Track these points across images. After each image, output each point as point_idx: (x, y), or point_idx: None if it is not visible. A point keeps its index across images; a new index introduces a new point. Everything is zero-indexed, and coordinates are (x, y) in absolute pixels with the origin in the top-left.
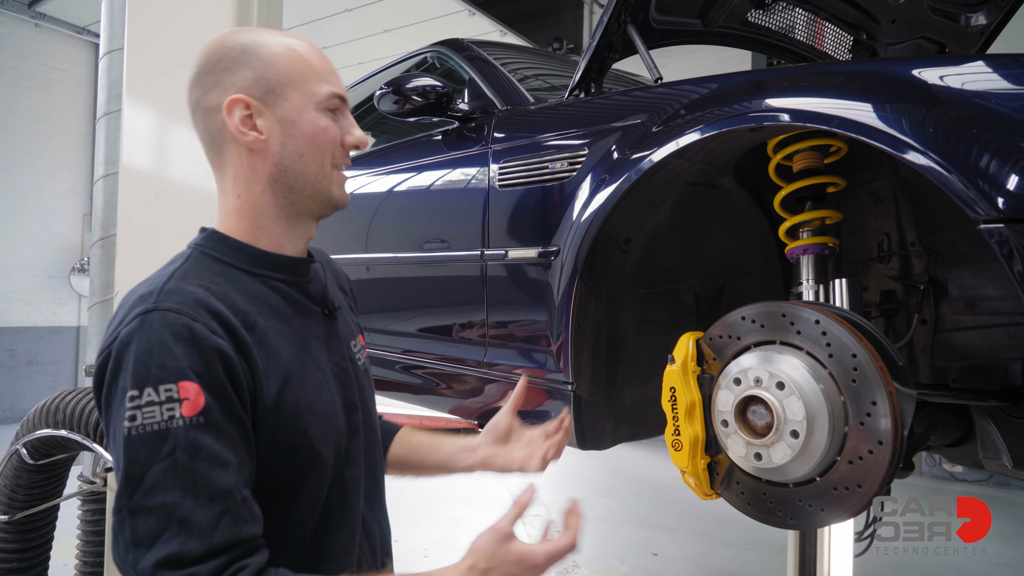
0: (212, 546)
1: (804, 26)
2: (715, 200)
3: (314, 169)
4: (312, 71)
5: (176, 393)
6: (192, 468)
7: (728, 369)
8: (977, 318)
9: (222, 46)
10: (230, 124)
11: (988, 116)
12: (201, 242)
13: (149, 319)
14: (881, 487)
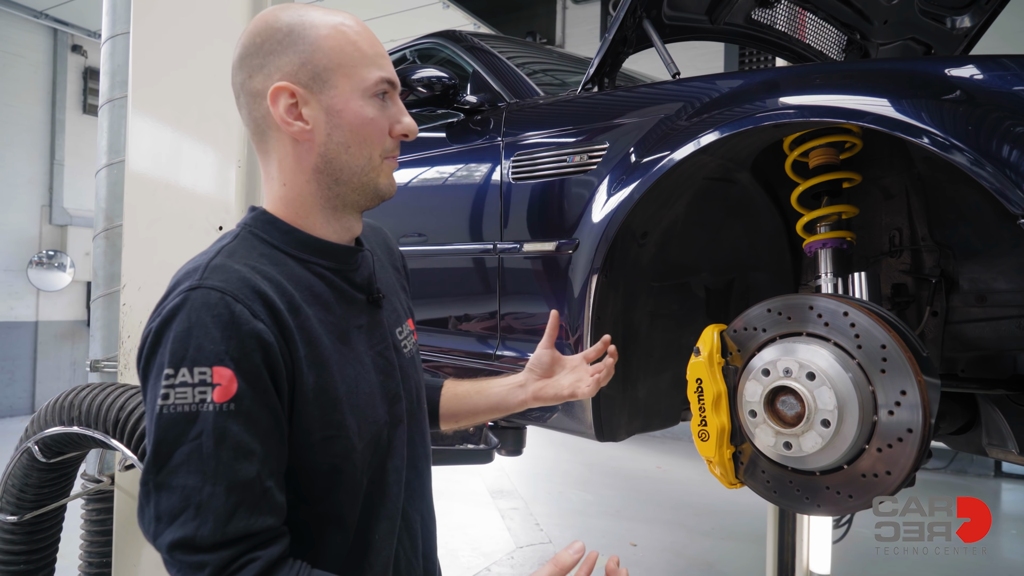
0: (225, 535)
1: (803, 25)
2: (730, 195)
3: (361, 161)
4: (360, 55)
5: (210, 377)
6: (215, 455)
7: (755, 360)
8: (987, 310)
9: (268, 26)
10: (275, 113)
11: None
12: (250, 222)
13: (192, 296)
14: (909, 474)
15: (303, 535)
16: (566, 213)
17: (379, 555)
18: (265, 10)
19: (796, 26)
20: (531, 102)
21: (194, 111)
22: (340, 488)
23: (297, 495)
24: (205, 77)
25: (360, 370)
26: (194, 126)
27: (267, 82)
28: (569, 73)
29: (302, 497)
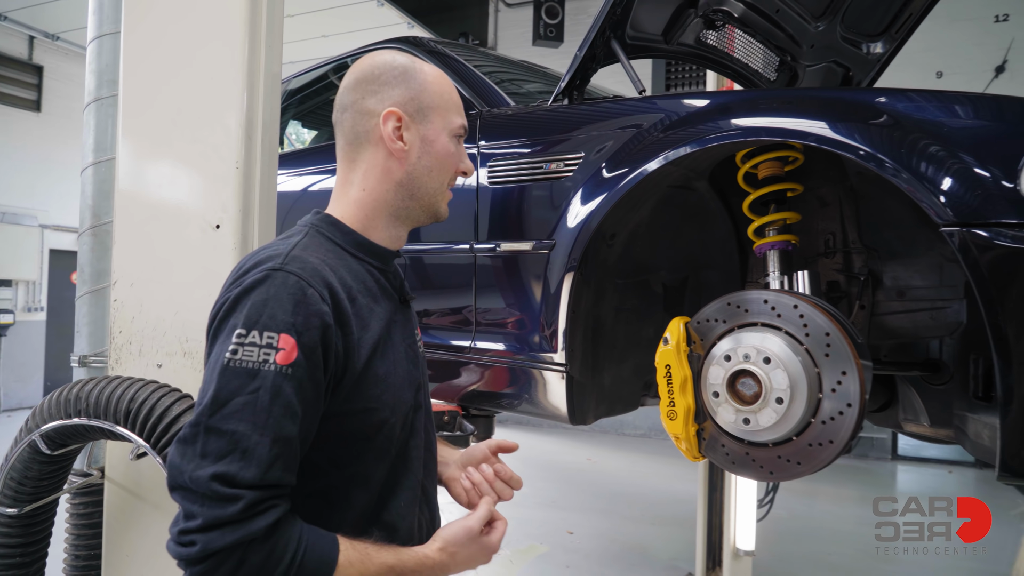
0: (263, 480)
1: (744, 47)
2: (689, 201)
3: (435, 185)
4: (453, 103)
5: (276, 342)
6: (269, 409)
7: (717, 348)
8: (906, 304)
9: (386, 63)
10: (383, 131)
11: (946, 140)
12: (317, 223)
13: (274, 275)
14: (848, 443)
15: (332, 499)
16: (542, 216)
17: (403, 521)
18: (383, 50)
19: (737, 47)
20: (505, 111)
21: (190, 113)
22: (370, 454)
23: (331, 460)
24: (203, 80)
25: (397, 357)
26: (190, 129)
27: (380, 105)
28: (525, 81)
29: (335, 462)
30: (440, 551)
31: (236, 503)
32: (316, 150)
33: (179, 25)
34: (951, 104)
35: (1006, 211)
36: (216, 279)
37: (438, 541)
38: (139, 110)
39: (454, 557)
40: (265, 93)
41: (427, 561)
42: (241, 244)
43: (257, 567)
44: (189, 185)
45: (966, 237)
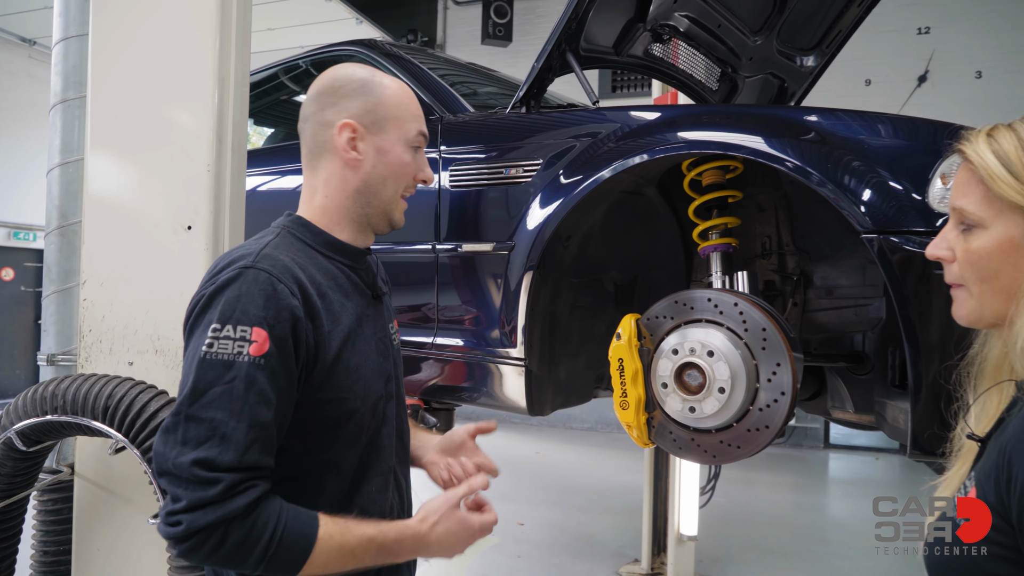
0: (240, 463)
1: (687, 59)
2: (639, 205)
3: (389, 193)
4: (410, 113)
5: (249, 335)
6: (244, 397)
7: (665, 343)
8: (834, 301)
9: (346, 76)
10: (338, 141)
11: (866, 155)
12: (288, 224)
13: (246, 273)
14: (782, 428)
15: (306, 483)
16: (502, 218)
17: (374, 505)
18: (344, 64)
19: (682, 59)
20: (465, 118)
21: (160, 115)
22: (341, 441)
23: (304, 447)
24: (172, 82)
25: (367, 349)
26: (160, 131)
27: (337, 117)
28: (479, 85)
29: (308, 448)
30: (420, 521)
31: (216, 485)
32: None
33: (148, 27)
34: (872, 123)
35: (916, 220)
36: (188, 279)
37: (420, 512)
38: (108, 112)
39: (434, 528)
40: (235, 94)
41: (407, 531)
42: (213, 245)
43: (239, 542)
44: (160, 187)
45: (882, 243)
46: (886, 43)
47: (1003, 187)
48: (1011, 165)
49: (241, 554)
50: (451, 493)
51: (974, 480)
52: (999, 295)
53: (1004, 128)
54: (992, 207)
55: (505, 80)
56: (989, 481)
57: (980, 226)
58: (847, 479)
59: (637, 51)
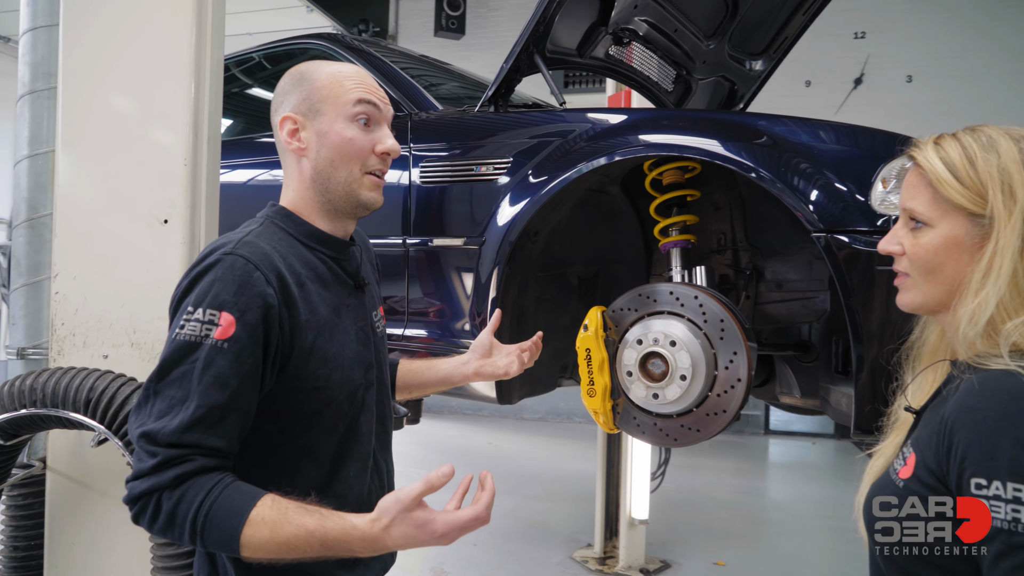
0: (180, 439)
1: (644, 61)
2: (602, 203)
3: (343, 174)
4: (343, 88)
5: (217, 319)
6: (200, 378)
7: (630, 333)
8: (783, 294)
9: (289, 75)
10: (281, 136)
11: (814, 159)
12: (271, 214)
13: (225, 259)
14: (738, 413)
15: (283, 468)
16: (473, 214)
17: (352, 489)
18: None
19: (641, 61)
20: (435, 115)
21: (134, 108)
22: (318, 428)
23: (282, 433)
24: (147, 75)
25: (346, 339)
26: (135, 124)
27: (278, 115)
28: (441, 81)
29: (286, 435)
30: (372, 521)
31: (151, 459)
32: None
33: (121, 16)
34: (817, 130)
35: (860, 220)
36: (164, 272)
37: (376, 510)
38: (80, 104)
39: (387, 530)
40: (211, 86)
41: (354, 531)
42: (189, 239)
43: (169, 512)
44: (135, 180)
45: (830, 241)
46: (825, 47)
47: (949, 191)
48: (956, 171)
49: (173, 526)
50: (402, 492)
51: (912, 448)
52: (941, 286)
53: (950, 137)
54: (939, 208)
55: (464, 75)
56: (930, 448)
57: (928, 225)
58: (786, 463)
59: (599, 53)
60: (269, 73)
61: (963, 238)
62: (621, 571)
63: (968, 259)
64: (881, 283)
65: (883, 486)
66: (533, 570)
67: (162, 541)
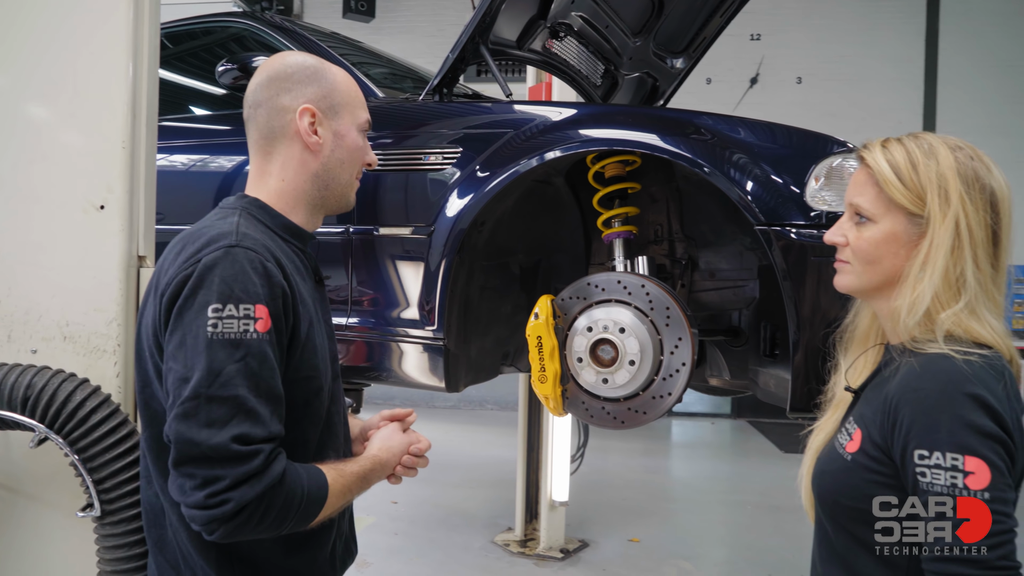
0: (271, 434)
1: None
2: (546, 194)
3: (347, 176)
4: (359, 100)
5: (253, 312)
6: (259, 372)
7: (579, 321)
8: (716, 283)
9: (296, 63)
10: (300, 125)
11: (756, 157)
12: (246, 206)
13: (234, 252)
14: (680, 395)
15: None
16: (421, 203)
17: None
18: (290, 51)
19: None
20: (376, 103)
21: (67, 86)
22: (307, 419)
23: None
24: (81, 50)
25: (322, 330)
26: (66, 103)
27: (295, 102)
28: (370, 65)
29: None
30: (380, 450)
31: (257, 457)
32: None
33: None
34: (755, 129)
35: (797, 214)
36: (101, 261)
37: (376, 443)
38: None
39: (391, 452)
40: (148, 64)
41: (377, 460)
42: (128, 226)
43: (279, 506)
44: (66, 163)
45: (771, 234)
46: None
47: (893, 190)
48: (900, 174)
49: (280, 517)
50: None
51: (857, 424)
52: (878, 275)
53: (895, 142)
54: (882, 206)
55: (393, 60)
56: (875, 424)
57: (871, 220)
58: (688, 443)
59: (536, 46)
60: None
61: (902, 234)
62: (542, 552)
63: (905, 253)
64: (812, 274)
65: (830, 460)
66: (456, 555)
67: (115, 542)
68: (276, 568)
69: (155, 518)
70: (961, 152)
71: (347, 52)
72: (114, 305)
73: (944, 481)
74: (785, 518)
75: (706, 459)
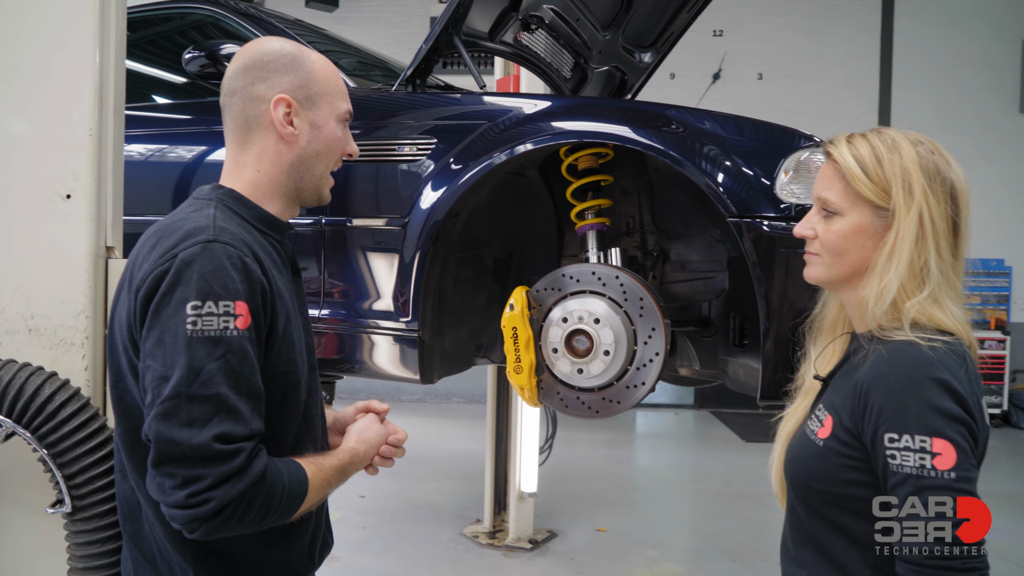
0: (251, 432)
1: (547, 48)
2: (520, 186)
3: (322, 168)
4: (339, 90)
5: (232, 309)
6: (239, 370)
7: (554, 312)
8: (686, 275)
9: (274, 49)
10: (274, 116)
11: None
12: (222, 197)
13: (211, 248)
14: (654, 385)
15: None
16: (395, 194)
17: None
18: (269, 37)
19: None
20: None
21: (28, 70)
22: (285, 413)
23: None
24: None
25: (298, 323)
26: (28, 88)
27: (270, 91)
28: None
29: None
30: (358, 442)
31: (239, 456)
32: None
33: None
34: (726, 122)
35: (767, 206)
36: (68, 252)
37: (352, 435)
38: None
39: (369, 444)
40: (115, 50)
41: (352, 453)
42: (96, 215)
43: (260, 503)
44: (31, 152)
45: (743, 225)
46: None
47: (859, 184)
48: (865, 168)
49: (261, 513)
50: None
51: (827, 411)
52: (846, 267)
53: (860, 137)
54: (849, 199)
55: (361, 50)
56: (846, 410)
57: (839, 214)
58: (652, 433)
59: (508, 38)
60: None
61: (868, 227)
62: (511, 543)
63: (872, 245)
64: (781, 266)
65: (803, 446)
66: (424, 548)
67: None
68: (254, 562)
69: (131, 512)
70: (922, 147)
71: (314, 40)
72: (82, 297)
73: (913, 463)
74: (747, 505)
75: (670, 449)
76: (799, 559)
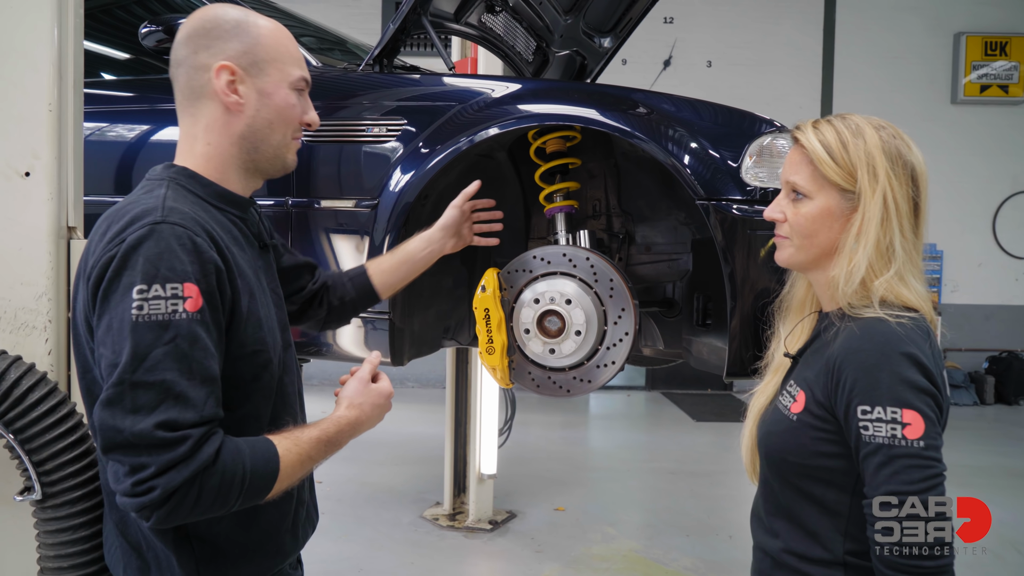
0: (202, 418)
1: (510, 31)
2: (489, 168)
3: (278, 137)
4: (290, 55)
5: (181, 292)
6: (190, 354)
7: (526, 293)
8: (651, 256)
9: (217, 16)
10: (216, 85)
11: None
12: (174, 176)
13: (159, 229)
14: (623, 364)
15: None
16: (365, 176)
17: None
18: (216, 4)
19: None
20: (315, 71)
21: None
22: (258, 394)
23: (226, 403)
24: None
25: (267, 300)
26: None
27: (212, 60)
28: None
29: (228, 405)
30: (348, 408)
31: (184, 443)
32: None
33: None
34: (690, 106)
35: (734, 189)
36: (27, 232)
37: (343, 401)
38: None
39: (362, 408)
40: (74, 21)
41: (342, 421)
42: (56, 194)
43: (216, 488)
44: None
45: (710, 208)
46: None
47: (826, 169)
48: (832, 152)
49: (220, 498)
50: (361, 373)
51: (799, 386)
52: (814, 248)
53: (825, 123)
54: (816, 183)
55: (320, 28)
56: (818, 385)
57: (807, 197)
58: (605, 414)
59: (473, 20)
60: None
61: (836, 209)
62: (472, 524)
63: (840, 227)
64: (744, 248)
65: (776, 422)
66: (385, 532)
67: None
68: (235, 544)
69: (114, 500)
70: (884, 131)
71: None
72: (43, 279)
73: (885, 433)
74: (699, 482)
75: (623, 430)
76: (772, 529)
